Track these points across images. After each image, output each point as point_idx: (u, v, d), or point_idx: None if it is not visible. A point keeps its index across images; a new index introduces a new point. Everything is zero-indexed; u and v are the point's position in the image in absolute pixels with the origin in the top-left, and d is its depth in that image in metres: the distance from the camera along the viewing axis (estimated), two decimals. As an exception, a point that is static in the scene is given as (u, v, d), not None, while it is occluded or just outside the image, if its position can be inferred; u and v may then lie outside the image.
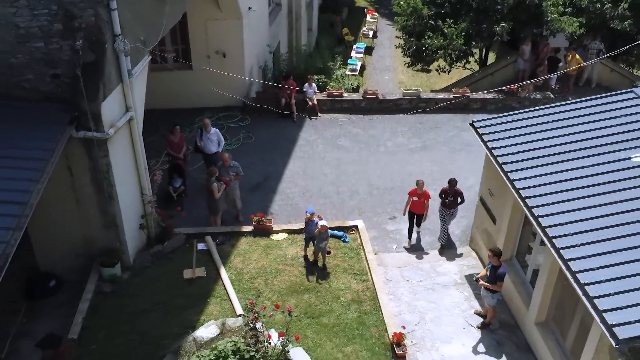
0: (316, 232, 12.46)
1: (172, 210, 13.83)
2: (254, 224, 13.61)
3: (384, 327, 11.34)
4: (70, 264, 12.13)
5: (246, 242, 13.41)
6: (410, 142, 18.26)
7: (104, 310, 11.45)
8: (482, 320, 11.82)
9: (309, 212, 12.78)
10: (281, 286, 12.20)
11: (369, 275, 12.67)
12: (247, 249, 13.19)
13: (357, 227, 14.05)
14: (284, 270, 12.64)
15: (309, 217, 12.69)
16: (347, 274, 12.71)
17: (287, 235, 13.66)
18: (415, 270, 13.39)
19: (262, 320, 10.40)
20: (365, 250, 13.31)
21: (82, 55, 10.01)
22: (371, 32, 31.39)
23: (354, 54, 28.13)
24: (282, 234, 13.68)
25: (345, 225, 14.12)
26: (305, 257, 13.03)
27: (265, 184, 16.09)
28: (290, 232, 13.73)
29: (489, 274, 11.24)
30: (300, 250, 13.16)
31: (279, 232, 13.71)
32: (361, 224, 14.15)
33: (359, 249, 13.44)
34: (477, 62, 24.46)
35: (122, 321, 11.24)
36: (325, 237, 12.55)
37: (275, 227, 13.76)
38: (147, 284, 12.12)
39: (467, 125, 13.09)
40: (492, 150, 11.65)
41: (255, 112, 18.86)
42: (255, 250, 13.18)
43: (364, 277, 12.64)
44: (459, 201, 13.59)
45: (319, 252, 12.73)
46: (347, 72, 25.07)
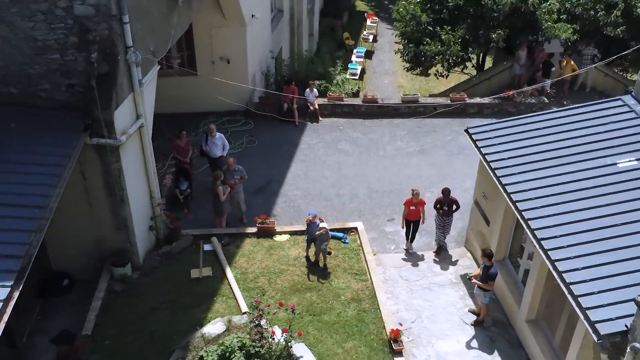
0: (317, 234, 12.79)
1: (179, 212, 14.17)
2: (258, 225, 13.95)
3: (382, 324, 11.73)
4: (82, 264, 12.50)
5: (250, 243, 13.76)
6: (408, 146, 18.53)
7: (115, 308, 11.85)
8: (475, 317, 12.30)
9: (311, 215, 13.09)
10: (284, 285, 12.58)
11: (368, 275, 13.03)
12: (251, 250, 13.55)
13: (356, 228, 14.38)
14: (287, 270, 13.02)
15: (311, 219, 12.98)
16: (347, 273, 13.08)
17: (290, 236, 13.99)
18: (412, 270, 13.78)
19: (267, 317, 10.77)
20: (364, 251, 13.66)
21: (97, 66, 10.46)
22: (371, 37, 31.42)
23: (354, 58, 28.23)
24: (285, 235, 14.00)
25: (345, 227, 14.45)
26: (307, 257, 13.37)
27: (268, 186, 16.38)
28: (292, 233, 14.05)
29: (481, 273, 11.76)
30: (302, 251, 13.51)
31: (281, 233, 14.03)
32: (361, 226, 14.48)
33: (359, 250, 13.79)
34: (475, 67, 24.73)
35: (133, 318, 11.64)
36: (326, 239, 12.87)
37: (278, 229, 14.07)
38: (156, 283, 12.51)
39: (463, 130, 13.38)
40: (485, 155, 12.06)
41: (258, 117, 19.02)
42: (259, 251, 13.54)
43: (363, 276, 13.01)
44: (455, 208, 13.78)
45: (320, 253, 13.07)
46: (347, 76, 25.27)
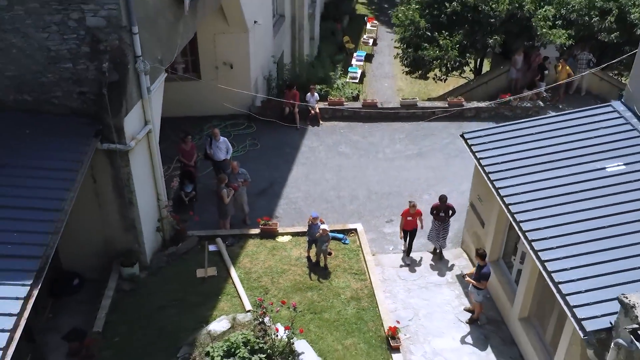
0: (317, 235, 13.22)
1: (184, 214, 14.61)
2: (261, 227, 14.37)
3: (380, 322, 12.17)
4: (91, 264, 12.92)
5: (253, 243, 14.18)
6: (407, 149, 18.89)
7: (124, 306, 12.28)
8: (470, 315, 12.76)
9: (313, 216, 13.50)
10: (286, 284, 13.01)
11: (367, 274, 13.45)
12: (254, 250, 13.97)
13: (356, 230, 14.77)
14: (289, 269, 13.44)
15: (312, 221, 13.41)
16: (347, 273, 13.50)
17: (292, 237, 14.39)
18: (410, 270, 14.22)
19: (270, 315, 11.26)
20: (363, 251, 14.07)
21: (108, 75, 10.90)
22: (371, 40, 31.82)
23: (354, 61, 28.58)
24: (287, 236, 14.41)
25: (345, 228, 14.85)
26: (308, 257, 13.79)
27: (270, 189, 16.77)
28: (294, 234, 14.45)
29: (475, 272, 12.22)
30: (303, 251, 13.92)
31: (284, 234, 14.44)
32: (360, 227, 14.87)
33: (358, 251, 14.20)
34: (472, 71, 25.17)
35: (141, 316, 12.09)
36: (326, 240, 13.28)
37: (280, 230, 14.47)
38: (163, 282, 12.94)
39: (460, 133, 13.71)
40: (480, 160, 12.52)
41: (260, 120, 19.38)
42: (262, 251, 13.96)
43: (362, 276, 13.43)
44: (450, 214, 14.02)
45: (321, 253, 13.48)
46: (347, 80, 25.66)
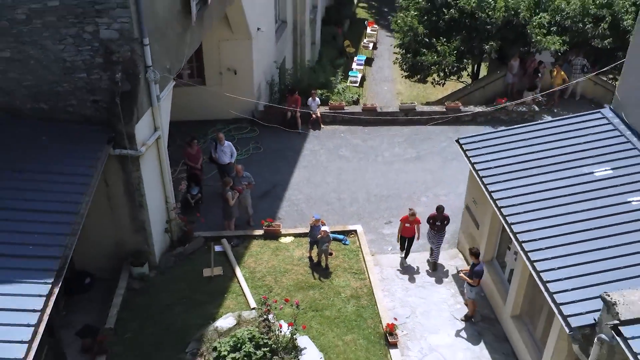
0: (319, 236, 13.73)
1: (191, 216, 15.13)
2: (265, 228, 14.90)
3: (379, 319, 12.69)
4: (102, 263, 13.44)
5: (257, 244, 14.71)
6: (405, 153, 19.40)
7: (134, 304, 12.81)
8: (465, 313, 13.30)
9: (315, 218, 14.01)
10: (289, 283, 13.54)
11: (366, 274, 13.96)
12: (258, 251, 14.49)
13: (356, 231, 15.27)
14: (292, 269, 13.97)
15: (315, 222, 13.91)
16: (347, 273, 14.01)
17: (294, 238, 14.91)
18: (408, 269, 14.72)
19: (274, 312, 11.80)
20: (363, 252, 14.57)
21: (120, 85, 11.46)
22: (371, 44, 32.23)
23: (354, 65, 28.98)
24: (290, 237, 14.92)
25: (345, 229, 15.35)
26: (310, 258, 14.31)
27: (273, 191, 17.28)
28: (296, 235, 14.96)
29: (469, 270, 12.78)
30: (305, 252, 14.44)
31: (286, 235, 14.95)
32: (360, 229, 15.37)
33: (358, 251, 14.71)
34: (470, 75, 25.71)
35: (151, 314, 12.63)
36: (327, 241, 13.79)
37: (283, 231, 14.98)
38: (171, 281, 13.48)
39: (458, 137, 14.17)
40: (474, 164, 13.06)
41: (263, 124, 19.88)
42: (265, 251, 14.48)
43: (362, 275, 13.96)
44: (446, 223, 14.25)
45: (322, 254, 13.99)
46: (348, 84, 26.11)
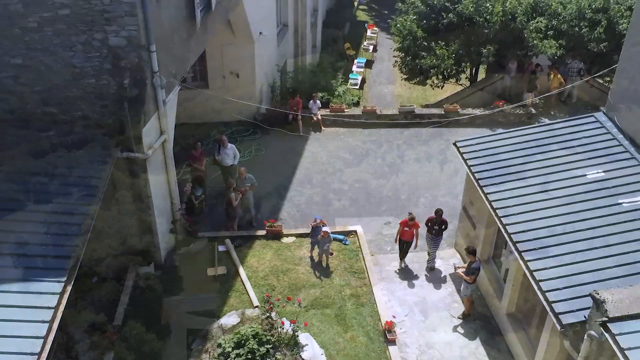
0: (320, 237, 14.10)
1: (195, 216, 15.49)
2: (267, 229, 15.25)
3: (378, 317, 13.05)
4: (109, 263, 13.72)
5: (260, 244, 15.05)
6: (405, 154, 19.76)
7: (141, 302, 13.11)
8: (462, 311, 13.68)
9: (316, 219, 14.37)
10: (291, 282, 13.89)
11: (366, 273, 14.31)
12: (261, 251, 14.83)
13: (356, 231, 15.62)
14: (293, 268, 14.32)
15: (316, 223, 14.27)
16: (347, 272, 14.36)
17: (296, 238, 15.25)
18: (406, 269, 15.09)
19: (276, 310, 12.17)
20: (363, 252, 14.92)
21: (128, 90, 11.84)
22: (371, 47, 32.48)
23: (355, 68, 29.20)
24: (291, 237, 15.27)
25: (345, 230, 15.69)
26: (311, 257, 14.66)
27: (275, 192, 17.62)
28: (298, 236, 15.31)
29: (466, 267, 13.17)
30: (306, 251, 14.79)
31: (288, 236, 15.30)
32: (360, 229, 15.71)
33: (358, 251, 15.06)
34: (468, 78, 26.05)
35: (157, 311, 12.95)
36: (328, 241, 14.16)
37: (285, 232, 15.33)
38: (176, 280, 13.83)
39: (456, 139, 14.49)
40: (471, 167, 13.44)
41: (265, 127, 20.34)
42: (268, 251, 14.83)
43: (361, 275, 14.31)
44: (443, 228, 14.53)
45: (323, 254, 14.36)
46: (348, 86, 26.40)
